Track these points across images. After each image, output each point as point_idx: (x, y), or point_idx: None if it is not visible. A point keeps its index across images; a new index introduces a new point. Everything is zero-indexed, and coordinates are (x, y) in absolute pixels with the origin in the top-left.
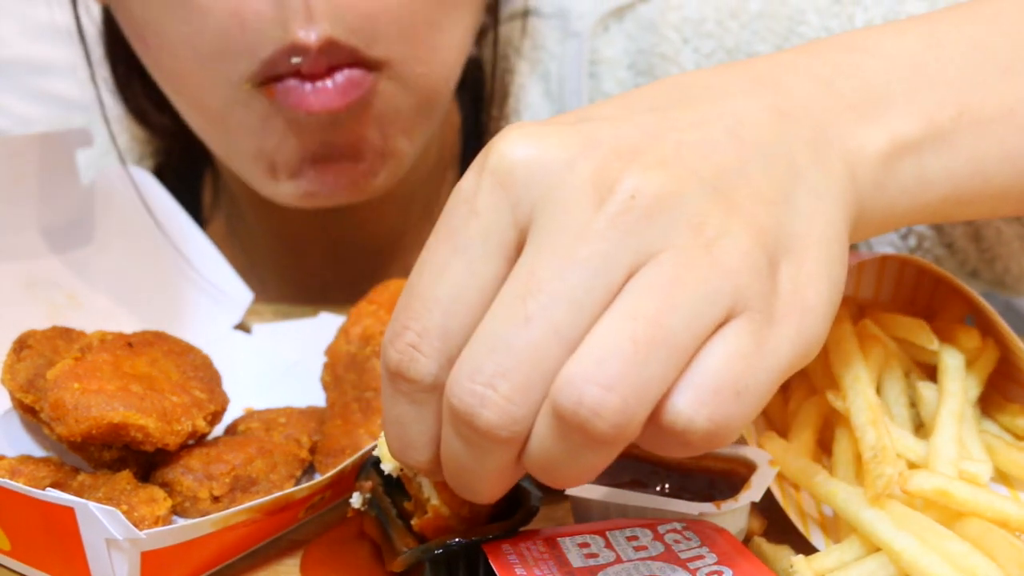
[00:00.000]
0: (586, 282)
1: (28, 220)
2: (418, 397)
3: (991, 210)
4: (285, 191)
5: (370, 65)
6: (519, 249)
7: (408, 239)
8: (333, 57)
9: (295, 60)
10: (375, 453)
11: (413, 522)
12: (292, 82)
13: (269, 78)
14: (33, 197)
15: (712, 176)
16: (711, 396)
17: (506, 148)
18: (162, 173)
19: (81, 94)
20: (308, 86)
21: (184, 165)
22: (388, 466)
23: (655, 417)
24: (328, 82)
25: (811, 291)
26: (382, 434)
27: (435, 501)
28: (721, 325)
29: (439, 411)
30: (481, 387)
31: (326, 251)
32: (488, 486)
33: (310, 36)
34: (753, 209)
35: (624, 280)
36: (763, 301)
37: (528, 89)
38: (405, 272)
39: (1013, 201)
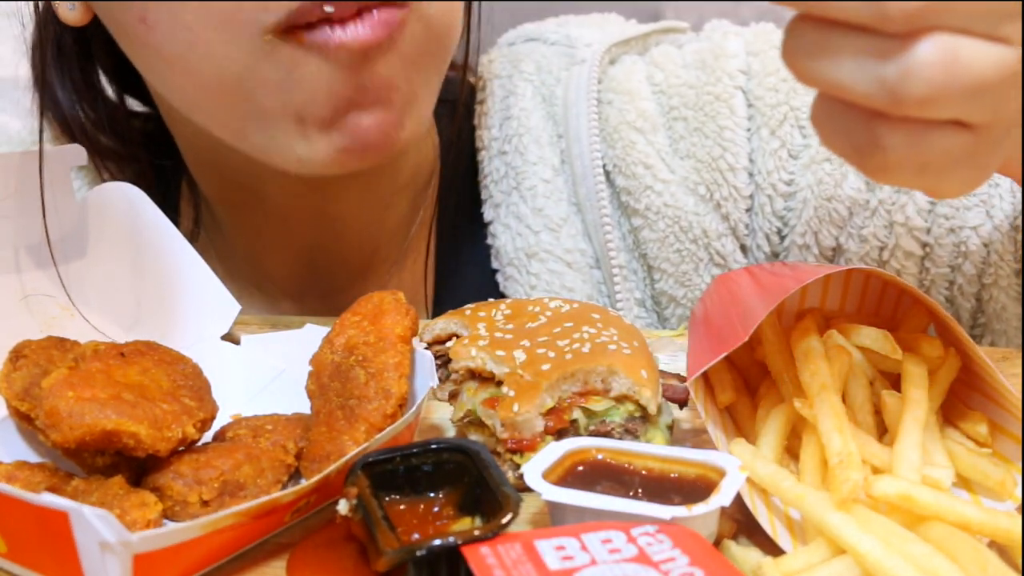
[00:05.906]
0: None
1: (23, 234)
2: None
3: None
4: (318, 149)
5: (398, 3)
6: None
7: (382, 254)
8: None
9: (328, 8)
10: None
11: None
12: (322, 27)
13: (295, 27)
14: (28, 212)
15: None
16: None
17: None
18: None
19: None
20: (339, 30)
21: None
22: None
23: None
24: (359, 25)
25: None
26: None
27: None
28: None
29: None
30: None
31: (303, 259)
32: None
33: None
34: None
35: None
36: None
37: (531, 112)
38: (376, 286)
39: None
